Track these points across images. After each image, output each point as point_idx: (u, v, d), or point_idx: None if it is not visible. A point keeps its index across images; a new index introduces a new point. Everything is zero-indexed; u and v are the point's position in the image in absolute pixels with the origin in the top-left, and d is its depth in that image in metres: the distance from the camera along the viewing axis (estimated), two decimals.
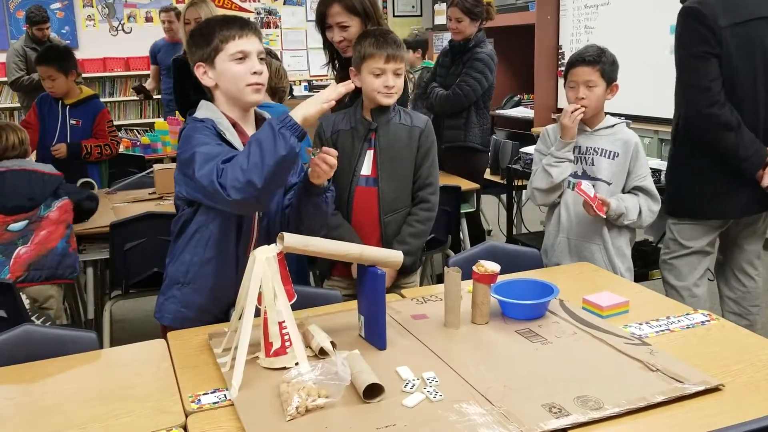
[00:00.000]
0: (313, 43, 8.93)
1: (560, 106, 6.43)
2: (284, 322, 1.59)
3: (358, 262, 1.75)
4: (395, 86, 2.25)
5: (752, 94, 2.67)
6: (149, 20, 8.14)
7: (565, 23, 6.50)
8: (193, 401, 1.48)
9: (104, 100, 7.41)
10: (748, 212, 2.83)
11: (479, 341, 1.74)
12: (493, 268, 1.82)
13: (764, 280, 3.12)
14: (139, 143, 5.26)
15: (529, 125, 6.52)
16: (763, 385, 1.49)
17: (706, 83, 2.61)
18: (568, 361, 1.61)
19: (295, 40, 9.04)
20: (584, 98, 2.52)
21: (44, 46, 5.56)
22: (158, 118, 7.39)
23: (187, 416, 1.43)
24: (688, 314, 1.89)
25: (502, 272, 1.84)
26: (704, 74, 2.62)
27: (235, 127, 1.94)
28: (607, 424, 1.36)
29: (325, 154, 1.84)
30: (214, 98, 1.98)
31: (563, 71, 2.68)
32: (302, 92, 8.72)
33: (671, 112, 2.93)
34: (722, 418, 1.35)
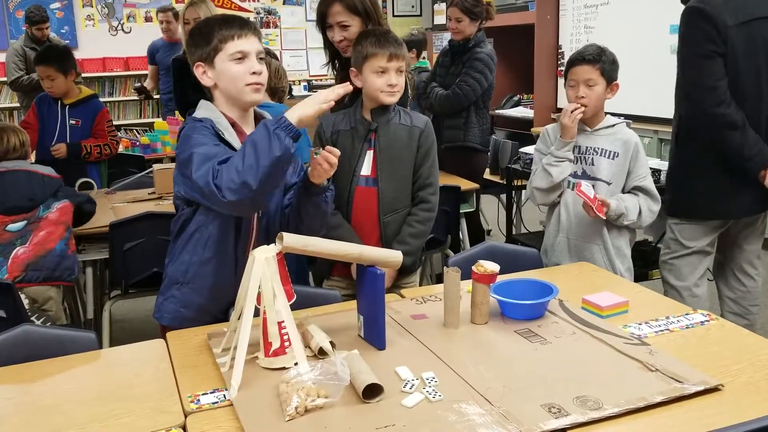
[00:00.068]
0: (312, 42, 8.93)
1: (560, 105, 6.43)
2: (283, 322, 1.59)
3: (357, 262, 1.75)
4: (398, 85, 2.25)
5: (755, 93, 2.67)
6: (149, 20, 8.14)
7: (564, 23, 6.51)
8: (192, 401, 1.48)
9: (104, 100, 7.41)
10: (749, 212, 2.83)
11: (478, 341, 1.74)
12: (492, 268, 1.81)
13: (764, 279, 3.11)
14: (138, 143, 5.26)
15: (528, 125, 6.53)
16: (762, 385, 1.49)
17: (712, 82, 2.61)
18: (567, 361, 1.61)
19: (294, 39, 9.04)
20: (584, 97, 2.52)
21: (43, 45, 5.55)
22: (158, 118, 7.39)
23: (186, 416, 1.43)
24: (687, 314, 1.89)
25: (501, 272, 1.84)
26: (710, 74, 2.61)
27: (234, 126, 1.93)
28: (606, 424, 1.36)
29: (327, 153, 1.85)
30: (213, 98, 1.97)
31: (563, 71, 2.68)
32: (302, 92, 8.71)
33: (671, 112, 2.92)
34: (722, 418, 1.35)
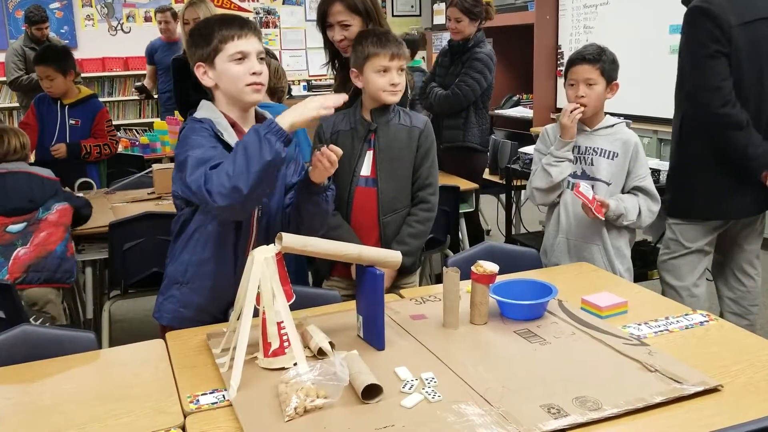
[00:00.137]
0: (312, 42, 8.94)
1: (559, 105, 6.44)
2: (283, 322, 1.59)
3: (356, 262, 1.75)
4: (400, 84, 2.25)
5: (757, 93, 2.67)
6: (148, 20, 8.14)
7: (564, 23, 6.51)
8: (191, 401, 1.48)
9: (103, 99, 7.41)
10: (749, 212, 2.83)
11: (478, 342, 1.74)
12: (491, 268, 1.81)
13: (763, 279, 3.12)
14: (138, 143, 5.26)
15: (528, 125, 6.53)
16: (762, 385, 1.49)
17: (717, 82, 2.60)
18: (566, 361, 1.61)
19: (294, 39, 9.04)
20: (584, 96, 2.51)
21: (42, 45, 5.55)
22: (157, 117, 7.39)
23: (185, 417, 1.43)
24: (686, 315, 1.89)
25: (500, 272, 1.84)
26: (716, 73, 2.61)
27: (234, 126, 1.93)
28: (605, 424, 1.35)
29: (329, 150, 1.84)
30: (214, 98, 1.98)
31: (562, 71, 2.68)
32: (301, 92, 8.72)
33: (671, 112, 2.92)
34: (721, 418, 1.35)
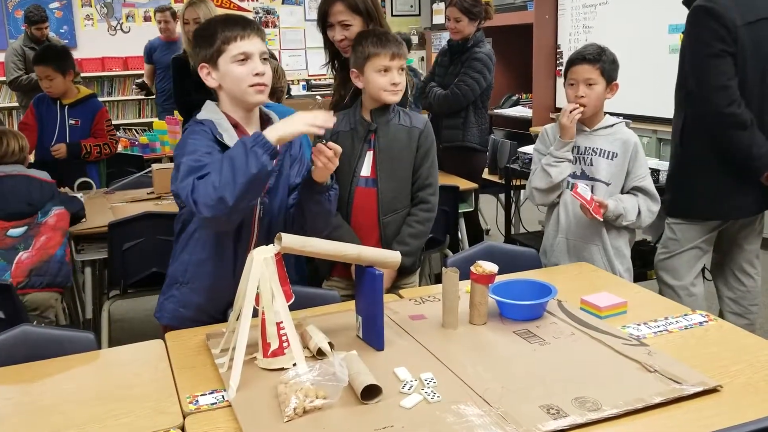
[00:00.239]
0: (311, 42, 8.94)
1: (558, 105, 6.43)
2: (282, 322, 1.59)
3: (356, 262, 1.75)
4: (401, 83, 2.25)
5: (760, 94, 2.67)
6: (147, 20, 8.14)
7: (563, 23, 6.51)
8: (190, 402, 1.48)
9: (103, 99, 7.41)
10: (751, 212, 2.83)
11: (477, 342, 1.74)
12: (491, 268, 1.81)
13: (763, 279, 3.12)
14: (137, 143, 5.26)
15: (527, 125, 6.53)
16: (761, 386, 1.49)
17: (723, 82, 2.60)
18: (566, 362, 1.61)
19: (293, 39, 9.04)
20: (584, 96, 2.51)
21: (42, 45, 5.54)
22: (156, 117, 7.40)
23: (184, 417, 1.43)
24: (686, 315, 1.89)
25: (500, 272, 1.84)
26: (722, 73, 2.60)
27: (237, 127, 1.94)
28: (605, 425, 1.35)
29: (323, 146, 1.84)
30: (218, 98, 1.98)
31: (562, 70, 2.68)
32: (300, 92, 8.72)
33: (670, 111, 2.91)
34: (720, 419, 1.35)
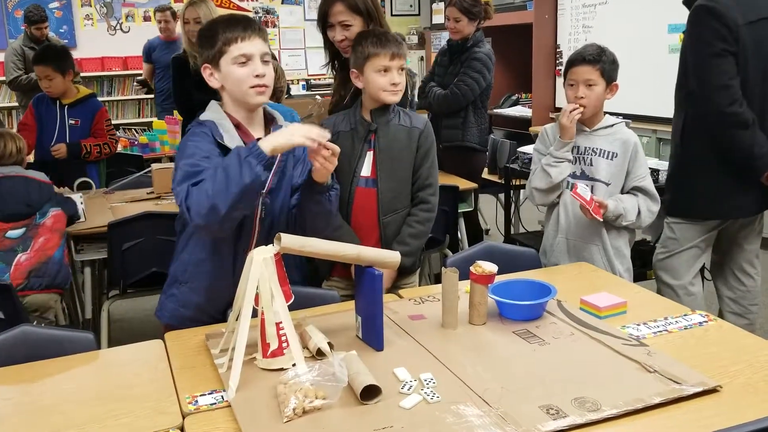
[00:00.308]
0: (311, 42, 8.93)
1: (558, 105, 6.43)
2: (281, 323, 1.59)
3: (355, 263, 1.75)
4: (401, 83, 2.25)
5: (761, 93, 2.67)
6: (147, 19, 8.13)
7: (563, 22, 6.51)
8: (190, 402, 1.48)
9: (102, 99, 7.40)
10: (751, 212, 2.83)
11: (477, 342, 1.74)
12: (490, 268, 1.81)
13: (763, 279, 3.12)
14: (137, 142, 5.26)
15: (527, 124, 6.53)
16: (761, 386, 1.49)
17: (725, 81, 2.60)
18: (565, 362, 1.61)
19: (293, 39, 9.04)
20: (584, 97, 2.51)
21: (42, 45, 5.54)
22: (156, 117, 7.40)
23: (184, 417, 1.43)
24: (685, 315, 1.89)
25: (499, 272, 1.84)
26: (723, 72, 2.60)
27: (239, 128, 1.94)
28: (604, 425, 1.35)
29: (320, 146, 1.84)
30: (222, 98, 1.99)
31: (561, 70, 2.67)
32: (300, 91, 8.71)
33: (670, 111, 2.91)
34: (720, 419, 1.35)
